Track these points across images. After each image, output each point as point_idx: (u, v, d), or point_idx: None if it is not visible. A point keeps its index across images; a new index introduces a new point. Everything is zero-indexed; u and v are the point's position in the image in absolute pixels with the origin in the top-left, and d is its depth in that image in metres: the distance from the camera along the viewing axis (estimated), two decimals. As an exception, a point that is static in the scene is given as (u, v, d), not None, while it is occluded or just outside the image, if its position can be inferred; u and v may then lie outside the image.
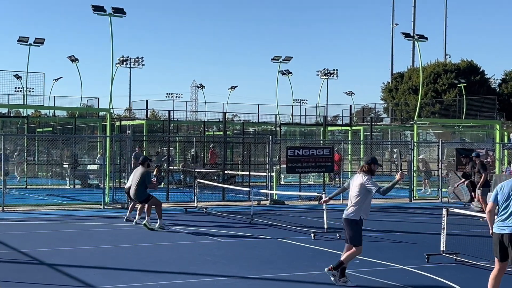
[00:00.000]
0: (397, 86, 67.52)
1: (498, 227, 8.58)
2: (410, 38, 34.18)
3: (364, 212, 10.24)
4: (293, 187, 30.54)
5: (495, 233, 8.60)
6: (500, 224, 8.57)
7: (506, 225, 8.49)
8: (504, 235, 8.46)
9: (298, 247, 14.30)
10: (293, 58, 48.54)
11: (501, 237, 8.50)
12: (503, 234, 8.47)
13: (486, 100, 49.84)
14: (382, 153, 48.48)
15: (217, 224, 18.22)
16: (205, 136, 38.34)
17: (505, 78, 64.56)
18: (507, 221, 8.49)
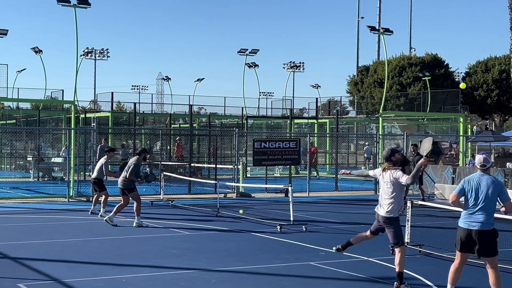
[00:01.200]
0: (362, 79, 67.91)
1: (466, 222, 8.58)
2: (376, 32, 34.44)
3: (400, 207, 9.66)
4: (259, 180, 30.60)
5: (462, 228, 8.61)
6: (467, 219, 8.58)
7: (474, 220, 8.51)
8: (472, 231, 8.49)
9: (264, 239, 14.34)
10: (259, 50, 48.64)
11: (469, 232, 8.52)
12: (471, 230, 8.50)
13: (450, 93, 50.44)
14: (348, 145, 48.81)
15: (183, 217, 18.18)
16: (171, 129, 38.17)
17: (469, 71, 65.29)
18: (474, 215, 8.52)
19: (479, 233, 8.45)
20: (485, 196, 8.48)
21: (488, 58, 64.75)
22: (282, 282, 10.21)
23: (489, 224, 8.49)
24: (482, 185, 8.54)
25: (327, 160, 39.85)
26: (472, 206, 8.56)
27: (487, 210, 8.48)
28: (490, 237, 8.48)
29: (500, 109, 62.75)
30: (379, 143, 28.10)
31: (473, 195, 8.55)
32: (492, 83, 61.38)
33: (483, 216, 8.47)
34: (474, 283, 10.02)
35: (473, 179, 8.65)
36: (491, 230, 8.50)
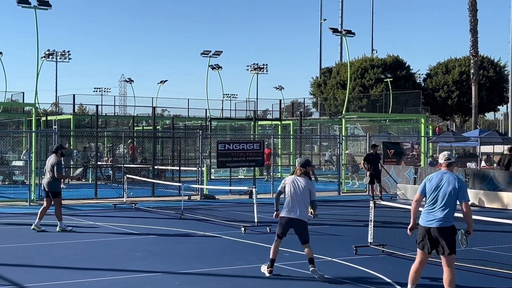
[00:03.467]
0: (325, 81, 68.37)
1: (425, 220, 8.63)
2: (338, 34, 34.68)
3: None
4: (223, 182, 30.57)
5: (421, 225, 8.65)
6: (425, 217, 8.64)
7: (432, 218, 8.55)
8: (431, 229, 8.52)
9: (229, 241, 14.34)
10: (222, 52, 48.66)
11: (428, 230, 8.57)
12: (430, 227, 8.54)
13: (412, 94, 51.08)
14: (312, 147, 49.06)
15: (147, 220, 18.08)
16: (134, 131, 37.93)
17: (429, 73, 66.21)
18: (433, 213, 8.56)
19: (438, 230, 8.47)
20: (445, 194, 8.50)
21: (448, 59, 65.77)
22: (247, 283, 10.23)
23: (448, 221, 8.51)
24: (442, 183, 8.57)
25: (291, 161, 39.99)
26: (431, 204, 8.60)
27: (447, 207, 8.49)
28: (449, 234, 8.49)
29: (461, 110, 63.78)
30: (342, 144, 28.30)
31: (433, 192, 8.58)
32: (453, 84, 62.36)
33: (442, 213, 8.49)
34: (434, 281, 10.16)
35: (434, 177, 8.70)
36: (450, 227, 8.52)
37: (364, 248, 12.64)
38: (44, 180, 16.11)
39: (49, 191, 15.83)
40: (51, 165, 15.82)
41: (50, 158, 16.20)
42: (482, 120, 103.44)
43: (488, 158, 35.75)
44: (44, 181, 16.07)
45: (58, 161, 15.85)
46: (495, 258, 12.19)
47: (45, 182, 16.01)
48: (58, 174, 15.73)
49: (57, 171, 15.68)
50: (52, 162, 15.84)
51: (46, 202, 15.96)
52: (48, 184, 15.83)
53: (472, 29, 49.38)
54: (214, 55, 48.14)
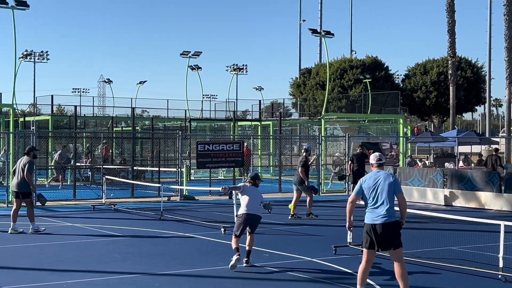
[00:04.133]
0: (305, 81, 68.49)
1: (370, 218, 8.91)
2: (317, 34, 34.75)
3: None
4: (203, 183, 30.50)
5: (367, 224, 8.94)
6: (370, 215, 8.91)
7: (376, 215, 8.82)
8: (377, 225, 8.78)
9: (209, 242, 14.31)
10: (202, 53, 48.57)
11: (373, 227, 8.82)
12: (376, 224, 8.79)
13: (390, 95, 51.31)
14: (291, 147, 49.13)
15: (126, 221, 17.99)
16: (113, 132, 37.73)
17: (408, 73, 66.56)
18: (376, 211, 8.83)
19: (383, 226, 8.73)
20: (383, 191, 8.81)
21: (426, 60, 66.17)
22: (226, 284, 10.21)
23: (391, 216, 8.78)
24: (379, 181, 8.89)
25: (271, 162, 40.02)
26: (373, 203, 8.88)
27: (388, 203, 8.78)
28: (393, 228, 8.77)
29: (439, 110, 64.18)
30: (322, 144, 28.36)
31: (372, 192, 8.88)
32: (431, 85, 62.75)
33: (384, 210, 8.76)
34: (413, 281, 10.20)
35: (369, 177, 9.04)
36: (394, 222, 8.79)
37: (344, 248, 12.66)
38: (14, 181, 15.90)
39: (19, 191, 15.64)
40: (22, 165, 15.62)
41: (22, 159, 15.98)
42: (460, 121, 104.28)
43: (466, 158, 36.04)
44: (14, 182, 15.88)
45: (30, 161, 15.66)
46: (473, 257, 12.27)
47: (14, 183, 15.82)
48: (28, 174, 15.49)
49: (27, 171, 15.47)
50: (23, 163, 15.65)
51: (16, 203, 15.77)
52: (18, 185, 15.65)
53: (450, 30, 49.73)
54: (193, 56, 48.03)
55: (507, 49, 48.66)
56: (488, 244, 13.49)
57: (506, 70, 48.50)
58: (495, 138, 50.21)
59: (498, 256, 10.44)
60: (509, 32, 48.64)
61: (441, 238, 14.55)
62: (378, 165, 9.11)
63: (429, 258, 11.98)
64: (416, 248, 13.02)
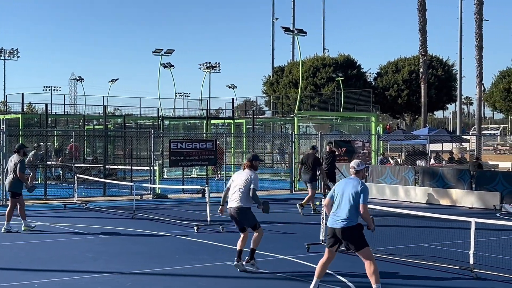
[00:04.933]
0: (278, 79, 68.60)
1: (330, 222, 9.16)
2: (290, 33, 34.82)
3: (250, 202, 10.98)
4: (176, 181, 30.42)
5: (328, 227, 9.20)
6: (331, 219, 9.15)
7: (337, 219, 9.04)
8: (336, 230, 9.03)
9: (182, 240, 14.27)
10: (174, 51, 48.33)
11: (333, 230, 9.07)
12: (335, 228, 9.04)
13: (363, 93, 51.63)
14: (264, 145, 49.16)
15: (98, 220, 17.86)
16: (85, 130, 37.43)
17: (380, 72, 67.01)
18: (337, 214, 9.06)
19: (342, 231, 8.97)
20: (347, 196, 9.02)
21: (398, 59, 66.69)
22: (200, 282, 10.19)
23: (351, 221, 8.96)
24: (347, 187, 9.12)
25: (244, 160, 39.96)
26: (336, 206, 9.12)
27: (348, 209, 8.96)
28: (353, 232, 8.96)
29: (410, 108, 64.75)
30: (295, 142, 28.43)
31: (338, 196, 9.14)
32: (402, 83, 63.26)
33: (344, 214, 8.97)
34: (385, 279, 10.28)
35: (341, 182, 9.33)
36: (353, 226, 8.97)
37: (316, 246, 12.70)
38: (6, 180, 15.83)
39: (9, 190, 15.64)
40: (13, 164, 15.54)
41: (12, 158, 15.87)
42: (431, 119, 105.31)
43: (437, 156, 36.38)
44: (6, 181, 15.81)
45: (21, 160, 15.59)
46: (444, 254, 12.41)
47: (7, 182, 15.76)
48: (20, 173, 15.47)
49: (19, 170, 15.43)
50: (15, 162, 15.56)
51: (12, 202, 15.69)
52: (10, 184, 15.60)
53: (421, 28, 50.14)
54: (166, 54, 47.79)
55: (477, 48, 49.19)
56: (459, 241, 13.64)
57: (477, 68, 49.03)
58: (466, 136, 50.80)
59: (469, 252, 10.56)
60: (480, 30, 49.18)
61: (413, 235, 14.68)
62: (354, 173, 9.28)
63: (402, 255, 12.08)
64: (388, 246, 13.12)
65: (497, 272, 10.62)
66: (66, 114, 51.39)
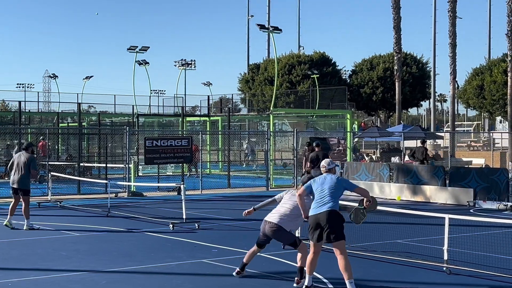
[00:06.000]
0: (253, 77, 68.57)
1: (314, 210, 9.28)
2: (265, 30, 34.83)
3: None
4: (151, 179, 30.29)
5: (312, 215, 9.28)
6: (315, 207, 9.28)
7: (322, 205, 9.20)
8: (320, 215, 9.13)
9: (157, 238, 14.21)
10: (150, 48, 48.09)
11: (317, 217, 9.15)
12: (319, 213, 9.15)
13: (338, 90, 51.78)
14: (240, 143, 49.15)
15: (73, 218, 17.73)
16: (59, 128, 37.11)
17: (355, 69, 67.21)
18: (322, 202, 9.22)
19: (327, 214, 9.10)
20: (330, 188, 9.30)
21: (373, 56, 66.93)
22: (175, 280, 10.15)
23: (335, 206, 9.22)
24: (326, 181, 9.43)
25: (220, 157, 39.94)
26: (319, 197, 9.30)
27: (332, 197, 9.23)
28: (336, 218, 9.13)
29: (385, 105, 65.05)
30: (270, 140, 28.45)
31: (319, 189, 9.36)
32: (377, 80, 63.52)
33: (329, 201, 9.20)
34: (361, 275, 10.32)
35: (319, 178, 9.58)
36: (337, 212, 9.19)
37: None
38: (14, 177, 15.63)
39: (19, 188, 15.53)
40: (24, 162, 15.46)
41: (21, 155, 15.76)
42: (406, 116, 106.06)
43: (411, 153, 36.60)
44: (14, 178, 15.61)
45: (33, 158, 15.60)
46: (419, 250, 12.50)
47: (15, 179, 15.58)
48: (34, 171, 15.57)
49: (33, 168, 15.48)
50: (26, 159, 15.48)
51: (15, 199, 15.72)
52: (18, 181, 15.52)
53: (396, 26, 50.44)
54: (141, 51, 47.54)
55: (451, 45, 49.60)
56: (433, 237, 13.75)
57: (450, 66, 49.45)
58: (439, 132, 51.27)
59: (443, 248, 10.65)
60: (453, 28, 49.59)
61: (388, 232, 14.76)
62: (326, 171, 9.63)
63: (376, 252, 12.14)
64: (363, 242, 13.17)
65: (470, 268, 10.72)
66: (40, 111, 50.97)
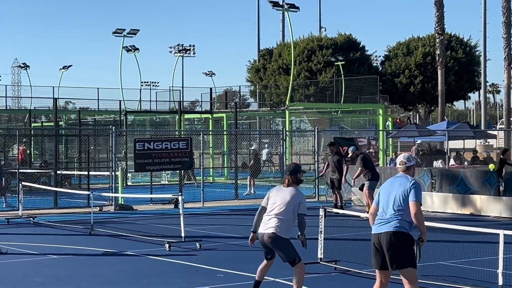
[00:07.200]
0: (265, 65, 68.64)
1: (375, 228, 8.86)
2: (279, 8, 34.88)
3: None
4: (143, 189, 30.38)
5: (373, 234, 8.87)
6: (377, 224, 8.84)
7: (384, 222, 8.73)
8: (381, 235, 8.69)
9: (150, 261, 14.24)
10: (139, 31, 48.17)
11: (378, 238, 8.74)
12: (380, 233, 8.71)
13: (368, 80, 51.70)
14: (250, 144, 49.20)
15: (49, 237, 17.82)
16: (32, 128, 37.29)
17: (388, 55, 67.13)
18: (385, 218, 8.74)
19: (390, 235, 8.61)
20: (397, 197, 8.72)
21: (410, 38, 66.86)
22: (172, 312, 10.16)
23: (402, 227, 8.66)
24: (394, 186, 8.84)
25: (225, 163, 40.00)
26: (383, 210, 8.83)
27: (399, 212, 8.68)
28: (402, 241, 8.63)
29: (425, 98, 64.89)
30: (286, 141, 28.44)
31: (385, 198, 8.84)
32: (415, 68, 63.40)
33: (393, 218, 8.68)
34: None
35: (387, 182, 9.04)
36: (404, 233, 8.65)
37: (313, 265, 12.70)
38: None
39: None
40: None
41: None
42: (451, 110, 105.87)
43: (457, 155, 36.54)
44: None
45: None
46: (467, 274, 12.44)
47: None
48: None
49: None
50: None
51: None
52: None
53: (438, 2, 50.36)
54: (129, 35, 47.63)
55: (505, 24, 49.40)
56: (485, 258, 13.68)
57: (504, 49, 49.25)
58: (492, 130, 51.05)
59: (497, 271, 10.59)
60: (508, 4, 49.37)
61: (429, 252, 14.69)
62: (404, 170, 8.99)
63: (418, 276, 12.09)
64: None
65: (531, 295, 10.67)
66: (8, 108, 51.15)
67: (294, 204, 9.86)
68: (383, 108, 38.91)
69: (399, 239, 8.61)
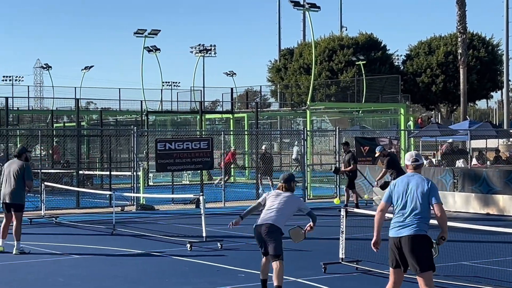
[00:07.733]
0: (286, 65, 68.60)
1: (393, 230, 8.77)
2: (300, 8, 34.82)
3: None
4: (164, 189, 30.44)
5: (391, 237, 8.79)
6: (395, 226, 8.76)
7: (403, 226, 8.66)
8: (402, 239, 8.62)
9: (171, 261, 14.27)
10: (161, 31, 48.30)
11: (398, 241, 8.66)
12: (400, 237, 8.64)
13: (389, 79, 51.49)
14: (271, 144, 49.21)
15: (71, 237, 17.90)
16: (54, 129, 37.48)
17: (410, 54, 66.85)
18: (403, 221, 8.67)
19: (410, 239, 8.55)
20: (415, 198, 8.67)
21: (431, 37, 66.52)
22: (194, 312, 10.19)
23: (421, 229, 8.62)
24: (410, 186, 8.76)
25: (246, 163, 40.02)
26: (400, 211, 8.75)
27: (418, 214, 8.63)
28: (421, 244, 8.60)
29: (447, 97, 64.57)
30: (307, 140, 28.40)
31: (401, 198, 8.76)
32: (437, 67, 63.09)
33: (413, 221, 8.62)
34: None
35: (401, 181, 8.92)
36: (422, 236, 8.62)
37: (335, 266, 12.69)
38: (5, 190, 15.28)
39: (12, 203, 15.16)
40: (15, 171, 15.10)
41: (11, 164, 15.53)
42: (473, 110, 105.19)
43: (480, 155, 36.32)
44: (6, 191, 15.26)
45: (26, 166, 15.25)
46: (490, 274, 12.38)
47: (7, 192, 15.22)
48: (29, 181, 15.21)
49: (27, 178, 15.14)
50: (19, 167, 15.14)
51: (6, 218, 15.37)
52: (13, 195, 15.14)
53: (460, 0, 50.09)
54: (150, 35, 47.78)
55: (527, 23, 49.07)
56: (508, 258, 13.62)
57: (527, 48, 48.92)
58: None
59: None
60: (530, 2, 49.05)
61: (451, 252, 14.64)
62: (415, 167, 8.94)
63: (438, 275, 12.04)
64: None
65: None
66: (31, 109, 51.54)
67: (292, 206, 11.08)
68: (405, 108, 38.76)
69: (421, 243, 8.59)
